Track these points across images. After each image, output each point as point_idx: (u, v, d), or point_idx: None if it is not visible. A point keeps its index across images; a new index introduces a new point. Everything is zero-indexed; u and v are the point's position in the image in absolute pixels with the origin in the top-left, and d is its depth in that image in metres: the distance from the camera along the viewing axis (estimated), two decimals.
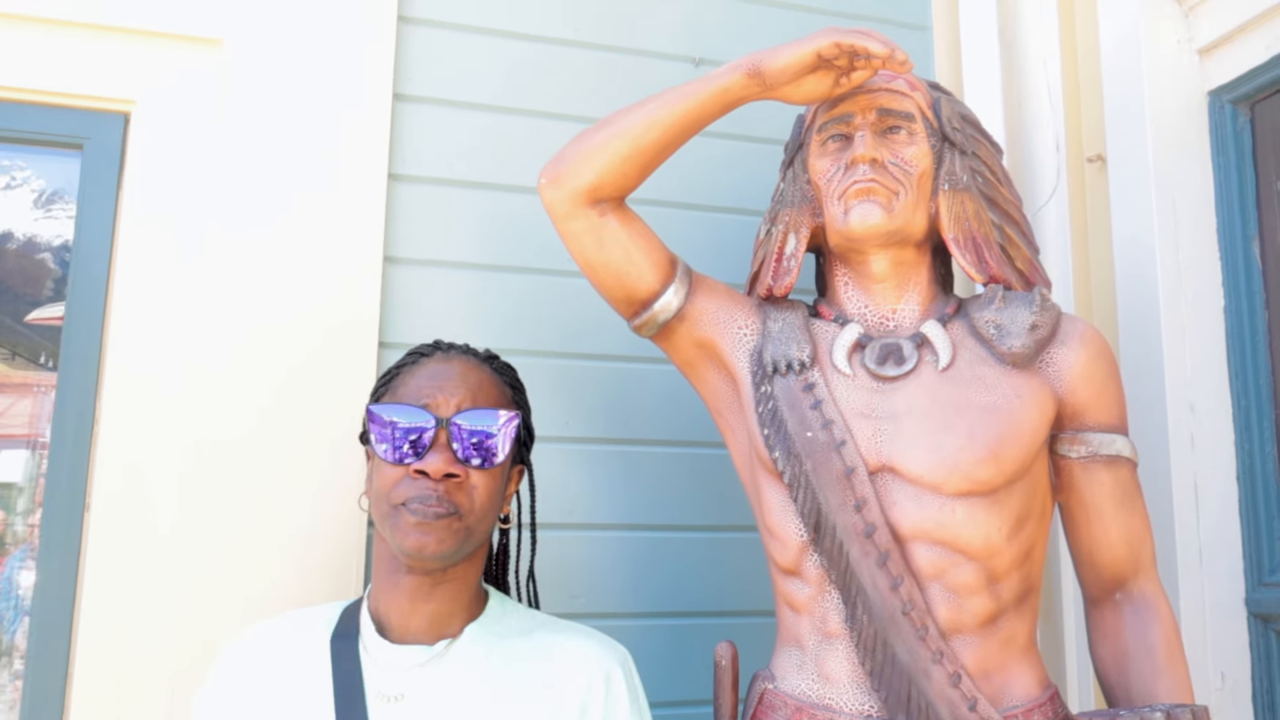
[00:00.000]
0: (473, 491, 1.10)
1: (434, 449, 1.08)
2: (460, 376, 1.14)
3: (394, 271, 1.55)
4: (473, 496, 1.10)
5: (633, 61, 1.72)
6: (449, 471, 1.08)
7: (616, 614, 1.56)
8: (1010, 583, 1.18)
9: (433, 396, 1.11)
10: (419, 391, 1.13)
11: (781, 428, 1.22)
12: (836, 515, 1.17)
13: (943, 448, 1.17)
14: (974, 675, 1.15)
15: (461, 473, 1.09)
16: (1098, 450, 1.24)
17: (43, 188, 1.56)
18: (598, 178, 1.25)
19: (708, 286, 1.33)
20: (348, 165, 1.54)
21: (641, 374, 1.64)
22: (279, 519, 1.43)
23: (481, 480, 1.10)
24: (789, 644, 1.24)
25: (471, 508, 1.10)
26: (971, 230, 1.28)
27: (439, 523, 1.07)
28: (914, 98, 1.30)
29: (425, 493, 1.07)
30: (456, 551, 1.09)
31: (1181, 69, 1.61)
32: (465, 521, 1.09)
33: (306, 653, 1.11)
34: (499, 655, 1.12)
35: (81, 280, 1.47)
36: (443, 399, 1.11)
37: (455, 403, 1.11)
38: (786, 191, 1.36)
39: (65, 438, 1.42)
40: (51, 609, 1.38)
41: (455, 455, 1.09)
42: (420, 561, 1.08)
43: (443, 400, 1.11)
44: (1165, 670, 1.21)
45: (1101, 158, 1.70)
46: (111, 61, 1.50)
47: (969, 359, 1.24)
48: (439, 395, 1.11)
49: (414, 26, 1.62)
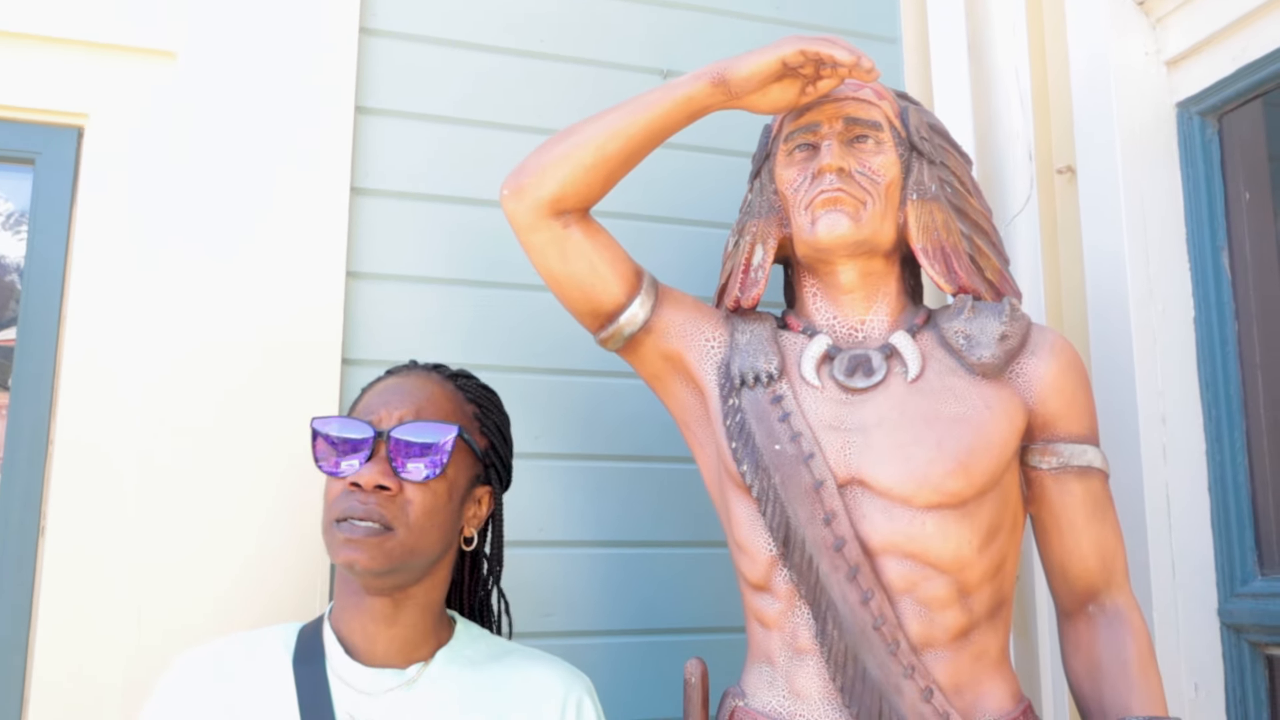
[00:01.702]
0: (406, 506, 1.07)
1: (371, 461, 1.07)
2: (410, 390, 1.13)
3: (357, 287, 1.53)
4: (405, 511, 1.07)
5: (599, 73, 1.71)
6: (380, 483, 1.06)
7: (588, 632, 1.54)
8: (982, 596, 1.17)
9: (377, 411, 1.11)
10: (368, 407, 1.13)
11: (749, 441, 1.20)
12: (805, 529, 1.15)
13: (912, 460, 1.15)
14: (946, 690, 1.13)
15: (395, 486, 1.07)
16: (1069, 461, 1.23)
17: (4, 207, 1.53)
18: (560, 188, 1.24)
19: (674, 299, 1.32)
20: (309, 179, 1.51)
21: (610, 388, 1.62)
22: (239, 537, 1.40)
23: (418, 495, 1.08)
24: (759, 660, 1.22)
25: (404, 523, 1.07)
26: (940, 240, 1.27)
27: (368, 540, 1.04)
28: (881, 106, 1.29)
29: (356, 505, 1.05)
30: (392, 569, 1.06)
31: (1150, 80, 1.62)
32: (398, 537, 1.06)
33: (264, 676, 1.08)
34: (470, 682, 1.11)
35: (35, 297, 1.43)
36: (386, 412, 1.10)
37: (398, 415, 1.10)
38: (754, 202, 1.35)
39: (18, 458, 1.39)
40: (6, 630, 1.35)
41: (391, 468, 1.07)
42: (361, 579, 1.06)
43: (386, 414, 1.10)
44: (1139, 683, 1.20)
45: (1071, 169, 1.70)
46: (64, 74, 1.47)
47: (938, 370, 1.23)
48: (383, 410, 1.11)
49: (376, 38, 1.60)
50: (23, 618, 1.35)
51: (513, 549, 1.52)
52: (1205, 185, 1.58)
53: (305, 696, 1.05)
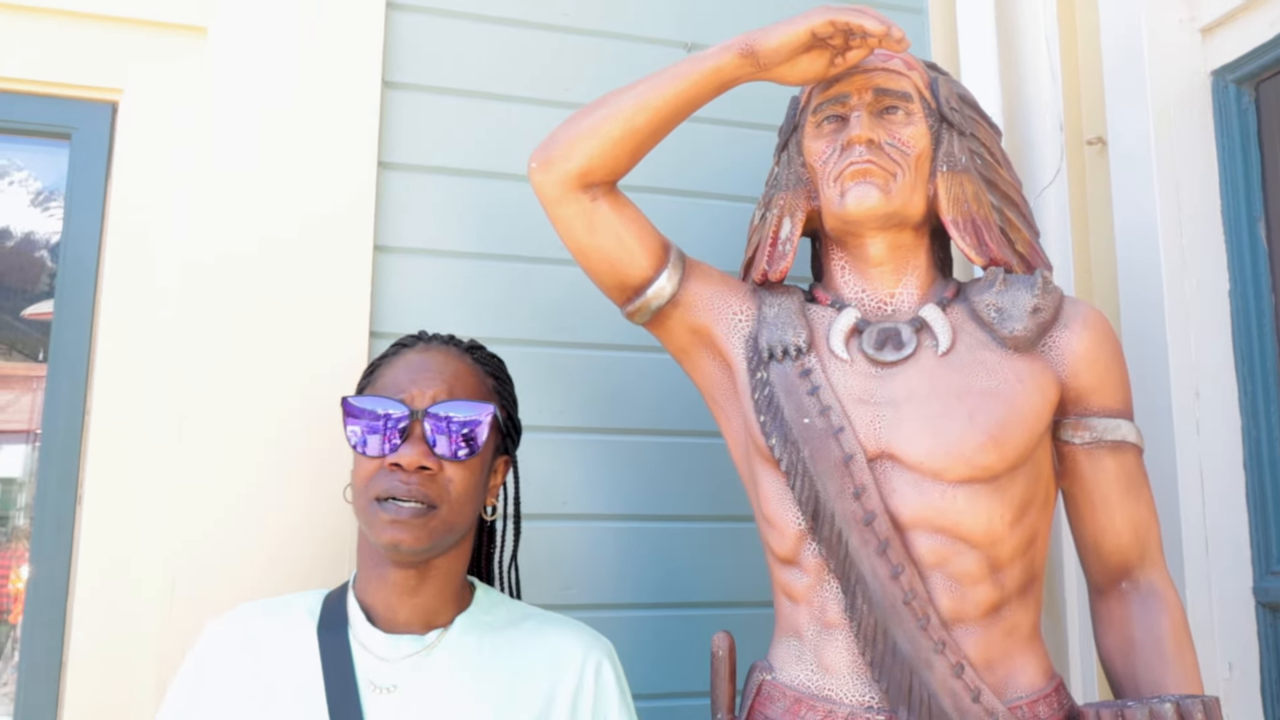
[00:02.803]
0: (448, 484, 1.08)
1: (408, 441, 1.07)
2: (438, 368, 1.13)
3: (384, 260, 1.53)
4: (448, 489, 1.08)
5: (625, 46, 1.70)
6: (422, 464, 1.06)
7: (610, 605, 1.54)
8: (1013, 571, 1.16)
9: (408, 389, 1.10)
10: (396, 383, 1.11)
11: (778, 414, 1.20)
12: (835, 503, 1.15)
13: (943, 433, 1.15)
14: (977, 666, 1.12)
15: (435, 465, 1.07)
16: (1102, 436, 1.22)
17: (40, 183, 1.55)
18: (588, 161, 1.23)
19: (702, 272, 1.31)
20: (337, 153, 1.52)
21: (635, 363, 1.62)
22: (270, 510, 1.41)
23: (457, 473, 1.09)
24: (787, 634, 1.21)
25: (447, 500, 1.08)
26: (971, 212, 1.26)
27: (414, 520, 1.05)
28: (911, 77, 1.27)
29: (398, 485, 1.06)
30: (433, 547, 1.08)
31: (1184, 48, 1.59)
32: (440, 514, 1.08)
33: (290, 642, 1.10)
34: (489, 646, 1.12)
35: (70, 270, 1.45)
36: (418, 391, 1.10)
37: (431, 394, 1.10)
38: (781, 175, 1.34)
39: (56, 431, 1.41)
40: (45, 598, 1.37)
41: (430, 448, 1.08)
42: (398, 556, 1.07)
43: (418, 392, 1.10)
44: (1173, 660, 1.18)
45: (1102, 140, 1.67)
46: (98, 50, 1.48)
47: (969, 343, 1.22)
48: (414, 387, 1.10)
49: (402, 13, 1.60)
50: (60, 586, 1.38)
51: (536, 523, 1.52)
52: (1241, 155, 1.55)
53: (329, 662, 1.07)
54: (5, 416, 1.57)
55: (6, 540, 1.56)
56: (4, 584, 1.58)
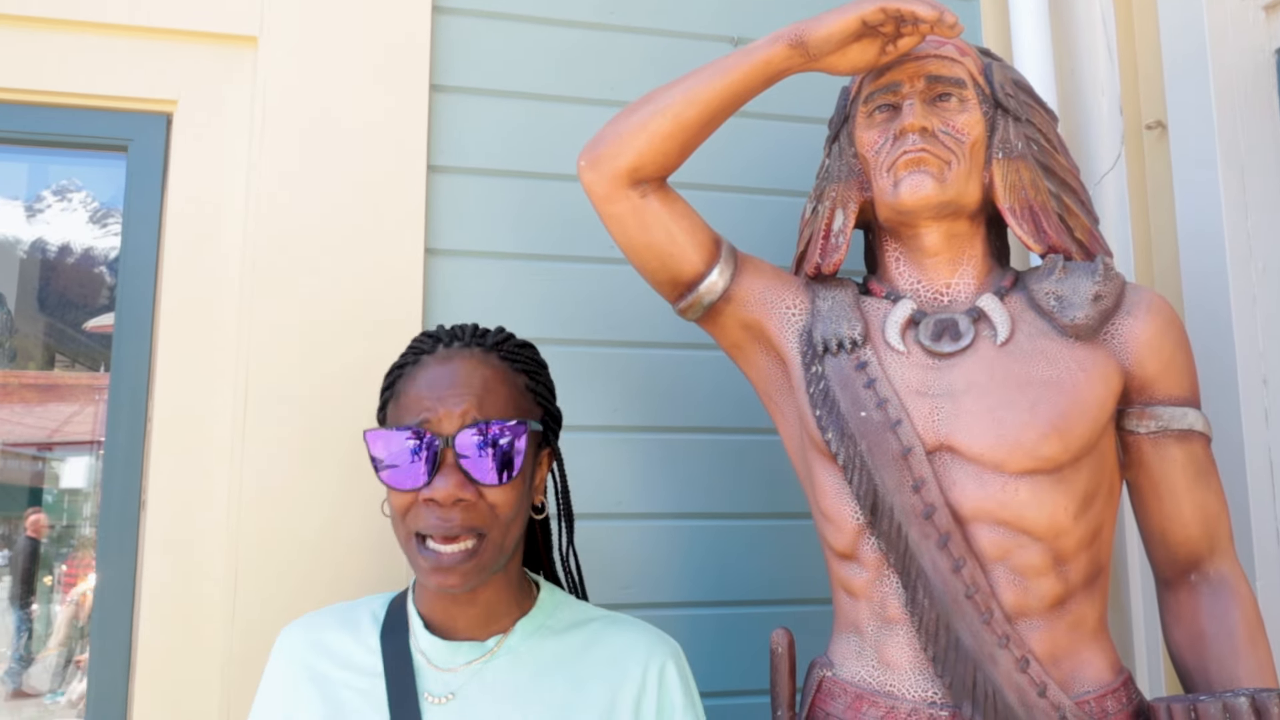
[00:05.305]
0: (492, 510, 1.02)
1: (441, 472, 1.00)
2: (464, 380, 1.04)
3: (435, 263, 1.54)
4: (494, 514, 1.02)
5: (671, 43, 1.69)
6: (459, 497, 1.00)
7: (668, 604, 1.54)
8: (1078, 564, 1.13)
9: (434, 410, 1.02)
10: (418, 405, 1.03)
11: (834, 408, 1.18)
12: (894, 496, 1.13)
13: (1003, 424, 1.13)
14: (1042, 660, 1.10)
15: (473, 495, 1.01)
16: (1168, 425, 1.19)
17: (97, 200, 1.58)
18: (638, 157, 1.23)
19: (754, 266, 1.30)
20: (387, 158, 1.53)
21: (689, 360, 1.61)
22: (332, 514, 1.43)
23: (500, 496, 1.02)
24: (847, 630, 1.20)
25: (495, 524, 1.03)
26: (1028, 199, 1.23)
27: (459, 566, 1.00)
28: (964, 63, 1.25)
29: (437, 523, 1.00)
30: (482, 579, 1.04)
31: (1246, 26, 1.55)
32: (491, 539, 1.03)
33: (355, 648, 1.10)
34: (550, 652, 1.10)
35: (130, 281, 1.48)
36: (445, 412, 1.01)
37: (460, 413, 1.02)
38: (832, 167, 1.33)
39: (119, 437, 1.44)
40: (112, 602, 1.40)
41: (466, 476, 1.01)
42: (447, 593, 1.04)
43: (445, 413, 1.01)
44: (1246, 653, 1.15)
45: (1161, 124, 1.64)
46: (152, 63, 1.51)
47: (1029, 332, 1.19)
48: (441, 407, 1.02)
49: (448, 17, 1.61)
50: (126, 590, 1.41)
51: (591, 522, 1.52)
52: None
53: (391, 671, 1.06)
54: (70, 428, 1.60)
55: (74, 549, 1.60)
56: (71, 592, 1.62)
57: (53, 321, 1.62)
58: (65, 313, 1.61)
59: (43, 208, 1.59)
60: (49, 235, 1.60)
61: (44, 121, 1.48)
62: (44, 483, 1.65)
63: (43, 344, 1.62)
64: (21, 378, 1.62)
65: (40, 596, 1.64)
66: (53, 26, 1.48)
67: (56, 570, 1.61)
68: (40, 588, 1.64)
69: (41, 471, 1.65)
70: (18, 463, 1.63)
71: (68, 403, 1.63)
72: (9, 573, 1.67)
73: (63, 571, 1.61)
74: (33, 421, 1.61)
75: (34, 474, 1.64)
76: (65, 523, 1.64)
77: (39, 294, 1.62)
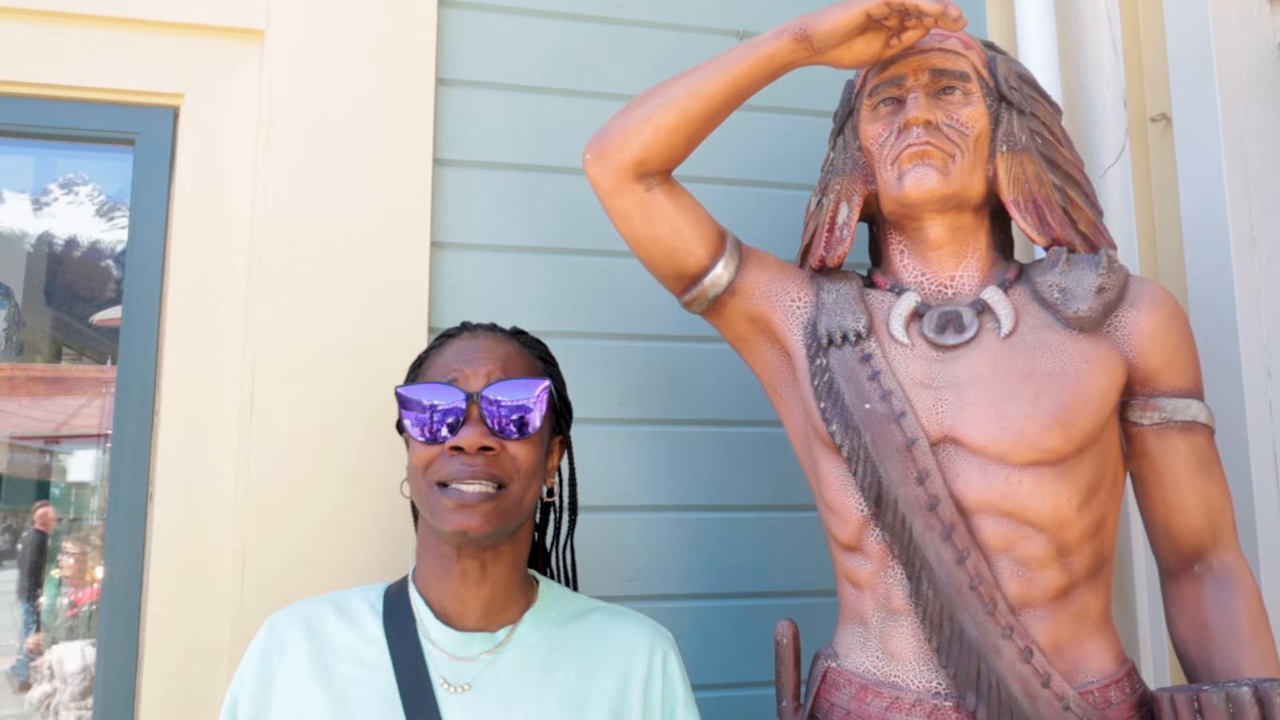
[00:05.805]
0: (513, 461, 1.08)
1: (467, 424, 1.07)
2: (488, 350, 1.12)
3: (441, 256, 1.55)
4: (515, 465, 1.08)
5: (676, 37, 1.70)
6: (484, 445, 1.06)
7: (673, 596, 1.55)
8: (1082, 555, 1.14)
9: (460, 371, 1.10)
10: (446, 369, 1.11)
11: (838, 400, 1.19)
12: (898, 488, 1.14)
13: (1007, 416, 1.13)
14: (1046, 650, 1.11)
15: (497, 445, 1.07)
16: (1172, 416, 1.19)
17: (104, 194, 1.59)
18: (643, 151, 1.23)
19: (758, 259, 1.30)
20: (393, 151, 1.54)
21: (694, 353, 1.62)
22: (337, 505, 1.43)
23: (520, 450, 1.08)
24: (851, 621, 1.21)
25: (516, 476, 1.08)
26: (1032, 192, 1.24)
27: (482, 505, 1.05)
28: (968, 57, 1.25)
29: (461, 469, 1.05)
30: (501, 530, 1.07)
31: (1251, 20, 1.55)
32: (511, 491, 1.07)
33: (356, 638, 1.09)
34: (559, 643, 1.12)
35: (137, 274, 1.48)
36: (471, 373, 1.10)
37: (485, 373, 1.10)
38: (836, 160, 1.33)
39: (126, 430, 1.44)
40: (120, 593, 1.41)
41: (489, 428, 1.07)
42: (465, 541, 1.06)
43: (472, 373, 1.09)
44: (1250, 644, 1.16)
45: (1166, 117, 1.64)
46: (159, 56, 1.52)
47: (1032, 325, 1.20)
48: (466, 369, 1.10)
49: (454, 10, 1.62)
50: (134, 581, 1.41)
51: (596, 514, 1.53)
52: None
53: (400, 660, 1.06)
54: (77, 421, 1.61)
55: (82, 542, 1.61)
56: (79, 584, 1.62)
57: (60, 315, 1.63)
58: (72, 306, 1.62)
59: (50, 201, 1.60)
60: (56, 229, 1.61)
61: (51, 115, 1.48)
62: (51, 476, 1.66)
63: (50, 337, 1.63)
64: (29, 371, 1.62)
65: (48, 589, 1.65)
66: (60, 20, 1.49)
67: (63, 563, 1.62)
68: (48, 580, 1.65)
69: (49, 465, 1.66)
70: (25, 456, 1.64)
71: (75, 396, 1.63)
72: (16, 566, 1.68)
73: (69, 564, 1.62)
74: (40, 415, 1.62)
75: (41, 467, 1.65)
76: (73, 515, 1.65)
77: (46, 287, 1.62)
